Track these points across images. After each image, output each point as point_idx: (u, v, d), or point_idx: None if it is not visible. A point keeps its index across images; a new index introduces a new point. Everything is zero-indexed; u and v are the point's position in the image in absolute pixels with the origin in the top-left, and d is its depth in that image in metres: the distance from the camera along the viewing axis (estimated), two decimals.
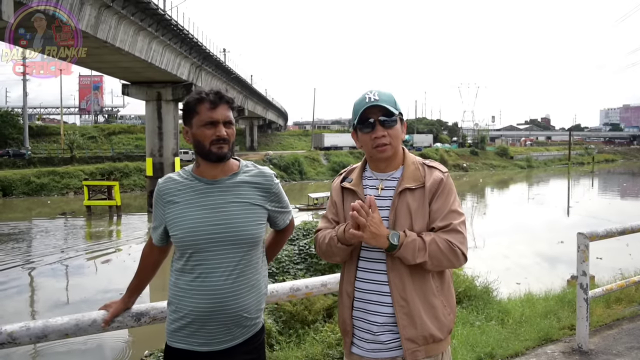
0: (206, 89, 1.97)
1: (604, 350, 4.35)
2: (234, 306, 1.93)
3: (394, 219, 1.94)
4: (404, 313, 1.91)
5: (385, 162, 2.02)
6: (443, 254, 1.86)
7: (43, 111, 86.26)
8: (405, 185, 1.96)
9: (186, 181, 2.00)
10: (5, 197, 35.63)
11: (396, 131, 1.98)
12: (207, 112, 1.93)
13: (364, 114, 1.96)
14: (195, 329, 1.93)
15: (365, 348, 1.99)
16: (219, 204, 1.95)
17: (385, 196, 1.99)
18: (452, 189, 1.98)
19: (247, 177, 2.03)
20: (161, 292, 11.34)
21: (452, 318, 2.00)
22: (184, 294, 1.94)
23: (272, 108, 75.08)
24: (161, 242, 2.08)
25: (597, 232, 4.47)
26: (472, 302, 6.28)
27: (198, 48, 31.66)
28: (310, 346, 5.05)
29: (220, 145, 1.93)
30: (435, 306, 1.94)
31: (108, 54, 23.14)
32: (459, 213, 1.95)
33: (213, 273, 1.91)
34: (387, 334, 1.94)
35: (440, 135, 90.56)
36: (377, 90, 1.99)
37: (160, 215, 2.02)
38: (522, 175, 64.78)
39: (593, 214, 25.66)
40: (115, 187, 28.25)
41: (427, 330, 1.91)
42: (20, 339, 1.94)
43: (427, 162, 2.04)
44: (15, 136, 47.31)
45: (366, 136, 1.99)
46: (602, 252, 11.70)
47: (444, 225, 1.91)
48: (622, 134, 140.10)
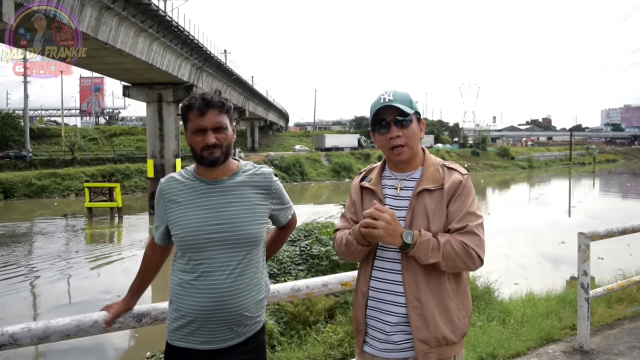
0: (199, 93, 1.95)
1: (605, 350, 4.35)
2: (234, 305, 1.94)
3: (410, 220, 1.93)
4: (417, 314, 1.90)
5: (404, 162, 2.02)
6: (457, 255, 1.84)
7: (44, 113, 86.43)
8: (424, 186, 1.95)
9: (188, 181, 2.01)
10: (7, 199, 35.65)
11: (412, 131, 1.98)
12: (195, 120, 1.93)
13: (379, 115, 1.96)
14: (195, 327, 1.94)
15: (378, 347, 1.99)
16: (220, 204, 1.96)
17: (404, 196, 1.99)
18: (470, 191, 1.97)
19: (246, 177, 2.04)
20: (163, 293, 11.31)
21: (466, 322, 1.98)
22: (185, 293, 1.95)
23: (273, 109, 75.13)
24: (163, 241, 2.10)
25: (598, 232, 4.47)
26: (474, 303, 6.25)
27: (199, 49, 31.67)
28: (312, 347, 5.06)
29: (211, 151, 1.93)
30: (449, 308, 1.93)
31: (109, 55, 23.14)
32: (476, 215, 1.93)
33: (214, 272, 1.92)
34: (400, 334, 1.94)
35: (441, 136, 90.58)
36: (392, 90, 1.99)
37: (162, 214, 2.03)
38: (523, 176, 64.75)
39: (594, 215, 25.62)
40: (117, 189, 28.23)
41: (440, 332, 1.89)
42: (21, 340, 1.95)
43: (447, 164, 2.04)
44: (16, 138, 47.33)
45: (382, 137, 1.99)
46: (604, 252, 11.69)
47: (460, 227, 1.89)
48: (623, 134, 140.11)
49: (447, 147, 77.25)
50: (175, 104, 30.94)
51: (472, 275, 7.30)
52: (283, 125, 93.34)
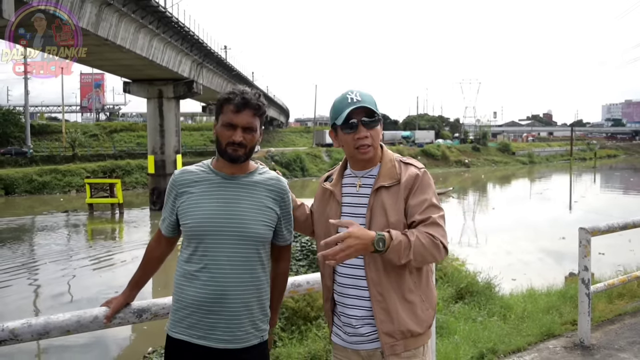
0: (240, 89, 1.99)
1: (606, 345, 4.36)
2: (236, 299, 1.94)
3: (370, 216, 1.99)
4: (381, 308, 1.96)
5: (366, 161, 2.07)
6: (426, 249, 1.87)
7: (45, 109, 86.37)
8: (381, 183, 2.01)
9: (203, 173, 2.05)
10: (8, 195, 35.68)
11: (377, 132, 2.04)
12: (229, 114, 1.97)
13: (347, 115, 1.99)
14: (196, 320, 1.95)
15: (347, 340, 2.06)
16: (232, 198, 1.99)
17: (363, 193, 2.06)
18: (429, 184, 2.02)
19: (262, 178, 2.07)
20: (164, 289, 11.36)
21: (430, 313, 2.04)
22: (188, 283, 1.97)
23: (273, 105, 75.11)
24: (171, 232, 2.12)
25: (598, 227, 4.47)
26: (474, 298, 6.30)
27: (199, 45, 31.64)
28: (313, 342, 5.06)
29: (235, 149, 1.97)
30: (412, 302, 1.98)
31: (109, 51, 23.14)
32: (437, 207, 1.98)
33: (218, 265, 1.94)
34: (367, 326, 2.00)
35: (442, 132, 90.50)
36: (357, 90, 2.04)
37: (171, 205, 2.06)
38: (524, 171, 64.64)
39: (596, 210, 25.61)
40: (118, 185, 28.25)
41: (404, 325, 1.95)
42: (21, 335, 1.95)
43: (404, 159, 2.09)
44: (17, 134, 47.27)
45: (348, 137, 2.03)
46: (604, 247, 11.70)
47: (423, 219, 1.93)
48: (624, 130, 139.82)
49: (447, 143, 77.06)
50: (175, 100, 30.94)
51: (474, 271, 7.31)
52: (284, 121, 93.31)
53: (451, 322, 5.09)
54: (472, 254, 12.44)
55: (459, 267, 7.82)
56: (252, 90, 2.02)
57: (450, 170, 60.78)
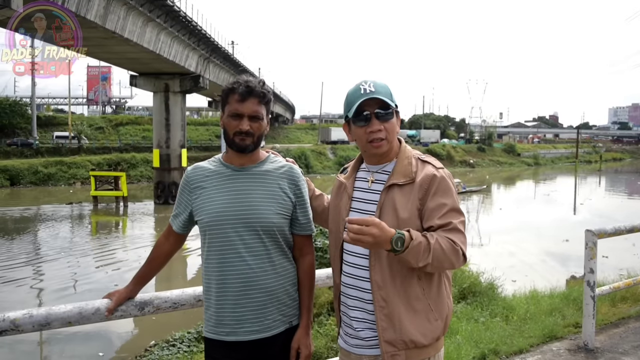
0: (244, 79, 1.98)
1: (610, 349, 4.33)
2: (260, 290, 1.95)
3: (379, 215, 1.87)
4: (383, 314, 1.83)
5: (380, 155, 1.97)
6: (446, 254, 1.74)
7: (51, 101, 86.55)
8: (394, 180, 1.89)
9: (214, 167, 2.05)
10: (13, 186, 35.85)
11: (392, 125, 1.92)
12: (234, 104, 1.96)
13: (359, 107, 1.89)
14: (225, 315, 1.96)
15: (350, 343, 1.97)
16: (244, 189, 1.98)
17: (375, 190, 1.95)
18: (449, 186, 1.87)
19: (273, 167, 2.06)
20: (167, 282, 11.37)
21: (439, 324, 1.88)
22: (211, 280, 1.99)
23: (279, 101, 75.06)
24: (183, 229, 2.12)
25: (605, 230, 4.44)
26: (477, 298, 6.27)
27: (206, 40, 31.60)
28: (315, 339, 5.04)
29: (243, 138, 1.96)
30: (418, 310, 1.84)
31: (116, 44, 23.13)
32: (459, 212, 1.85)
33: (239, 257, 1.94)
34: (368, 331, 1.90)
35: (447, 131, 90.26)
36: (372, 80, 1.92)
37: (185, 201, 2.07)
38: (529, 173, 64.44)
39: (600, 213, 25.51)
40: (122, 178, 28.32)
41: (407, 335, 1.82)
42: (23, 326, 1.94)
43: (422, 157, 1.96)
44: (23, 126, 47.46)
45: (360, 130, 1.92)
46: (608, 251, 11.64)
47: (443, 224, 1.80)
48: (630, 133, 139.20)
49: (453, 143, 76.92)
50: (181, 94, 30.92)
51: (477, 271, 7.28)
52: (289, 117, 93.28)
53: (453, 322, 5.07)
54: (475, 254, 12.39)
55: (462, 267, 7.80)
56: (256, 79, 2.01)
57: (455, 170, 60.61)
